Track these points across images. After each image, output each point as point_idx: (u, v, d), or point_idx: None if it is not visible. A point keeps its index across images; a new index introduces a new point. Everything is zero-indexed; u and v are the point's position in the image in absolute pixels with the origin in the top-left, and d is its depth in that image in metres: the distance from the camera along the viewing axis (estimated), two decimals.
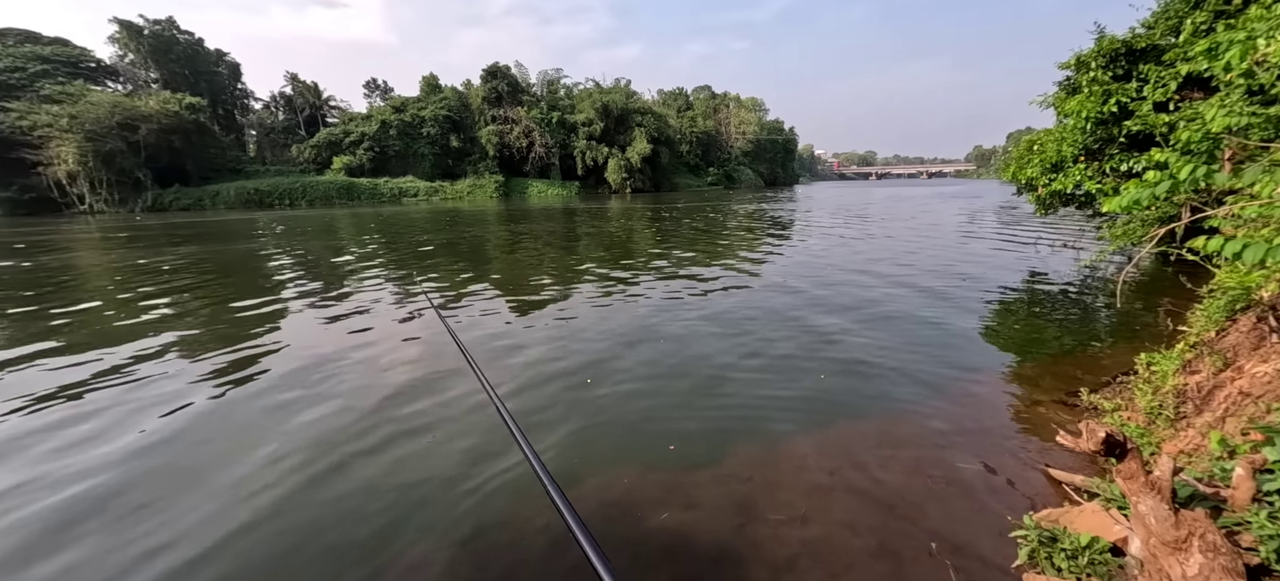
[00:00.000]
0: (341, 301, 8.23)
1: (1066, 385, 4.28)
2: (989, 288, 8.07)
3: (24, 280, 10.95)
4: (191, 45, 58.23)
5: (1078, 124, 7.32)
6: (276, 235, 19.85)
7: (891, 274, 9.37)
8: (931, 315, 6.62)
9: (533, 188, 59.53)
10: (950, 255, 11.37)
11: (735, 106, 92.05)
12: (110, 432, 3.94)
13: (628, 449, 3.60)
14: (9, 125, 41.39)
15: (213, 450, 3.70)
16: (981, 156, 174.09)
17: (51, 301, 8.73)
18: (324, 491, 3.16)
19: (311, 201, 49.27)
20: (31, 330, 6.88)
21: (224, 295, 8.86)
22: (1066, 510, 2.42)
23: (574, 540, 0.77)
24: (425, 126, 57.52)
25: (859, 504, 2.93)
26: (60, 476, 3.37)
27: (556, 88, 67.96)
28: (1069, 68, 8.24)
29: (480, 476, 3.27)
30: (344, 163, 55.05)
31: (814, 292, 8.03)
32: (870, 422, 3.88)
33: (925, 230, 16.56)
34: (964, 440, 3.57)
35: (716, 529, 2.77)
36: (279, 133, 62.71)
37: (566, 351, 5.58)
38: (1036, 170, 8.28)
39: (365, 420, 4.07)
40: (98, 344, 6.13)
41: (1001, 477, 3.12)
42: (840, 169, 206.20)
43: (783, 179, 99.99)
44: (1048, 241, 12.71)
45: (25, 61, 46.70)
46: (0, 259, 14.55)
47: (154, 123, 45.73)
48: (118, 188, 44.86)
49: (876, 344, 5.57)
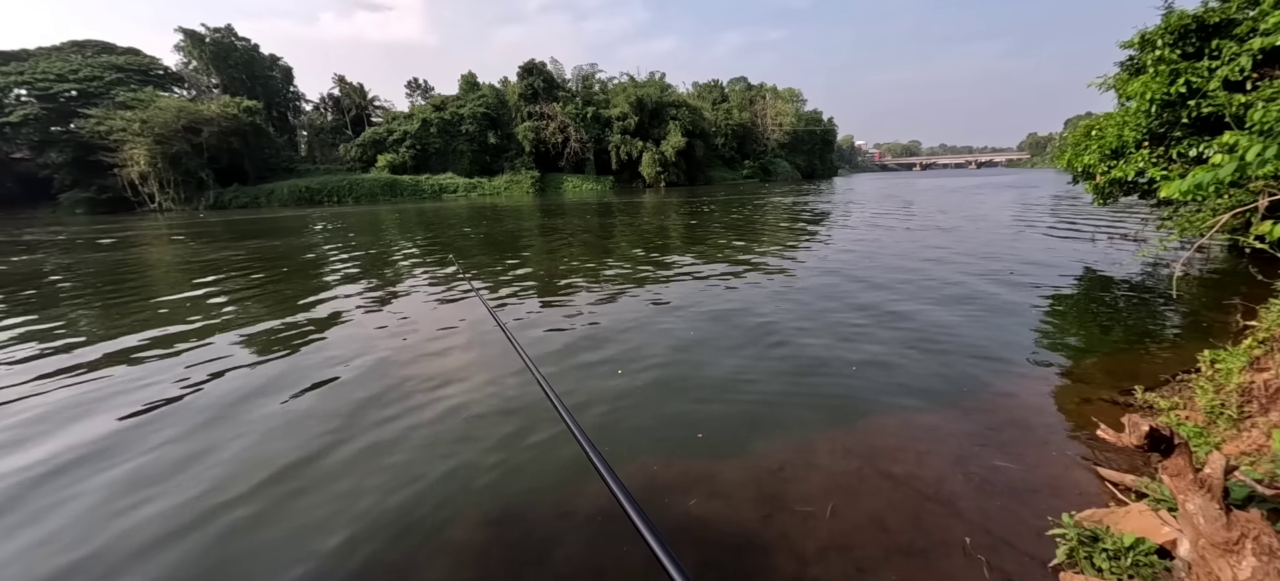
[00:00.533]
0: (390, 289, 8.58)
1: (1120, 383, 4.05)
2: (1040, 281, 7.69)
3: (132, 268, 11.90)
4: (248, 51, 61.47)
5: (1141, 107, 6.85)
6: (330, 231, 20.81)
7: (934, 266, 9.05)
8: (976, 308, 6.37)
9: (568, 182, 60.16)
10: (999, 247, 10.87)
11: (772, 98, 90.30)
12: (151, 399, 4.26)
13: (655, 436, 3.64)
14: (88, 130, 44.81)
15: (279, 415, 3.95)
16: (1036, 144, 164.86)
17: (158, 288, 9.46)
18: (375, 460, 3.33)
19: (357, 198, 51.29)
20: (145, 315, 7.48)
21: (290, 285, 9.39)
22: (1111, 510, 2.32)
23: (625, 514, 0.80)
24: (464, 124, 58.89)
25: (890, 498, 2.88)
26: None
27: (591, 83, 68.29)
28: (1132, 47, 7.71)
29: (521, 452, 3.38)
30: (387, 160, 57.01)
31: (850, 284, 7.85)
32: (905, 416, 3.79)
33: (972, 221, 15.87)
34: (1005, 437, 3.45)
35: (743, 518, 2.78)
36: (328, 132, 65.55)
37: (597, 340, 5.65)
38: (1094, 157, 7.81)
39: (404, 396, 4.25)
40: (166, 323, 6.62)
41: (1044, 476, 3.00)
42: (882, 160, 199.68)
43: (821, 171, 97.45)
44: (1108, 232, 11.99)
45: (102, 71, 50.43)
46: (97, 252, 15.83)
47: (215, 125, 48.56)
48: (183, 187, 47.88)
49: (915, 336, 5.41)
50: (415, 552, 2.62)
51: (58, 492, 3.20)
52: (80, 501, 3.11)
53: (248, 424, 4.02)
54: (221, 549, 2.69)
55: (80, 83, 48.82)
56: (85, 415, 4.26)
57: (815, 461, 3.26)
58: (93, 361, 5.55)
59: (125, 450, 3.67)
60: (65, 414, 4.29)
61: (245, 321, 7.03)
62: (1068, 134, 8.85)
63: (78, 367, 5.37)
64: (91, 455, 3.62)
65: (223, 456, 3.56)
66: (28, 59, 50.43)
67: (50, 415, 4.28)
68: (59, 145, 47.04)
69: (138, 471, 3.41)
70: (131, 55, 54.79)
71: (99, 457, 3.59)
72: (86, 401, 4.53)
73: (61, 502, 3.10)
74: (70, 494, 3.18)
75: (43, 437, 3.90)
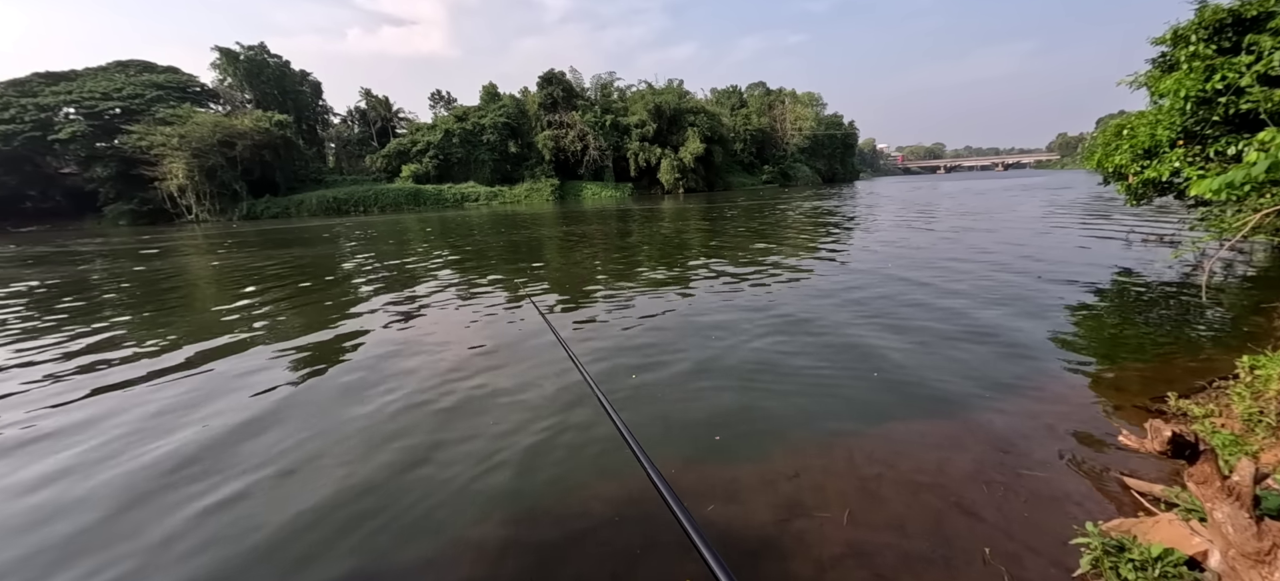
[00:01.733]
0: (419, 293, 8.78)
1: (1152, 389, 3.93)
2: (1070, 283, 7.48)
3: (177, 276, 12.43)
4: (280, 67, 63.59)
5: (1175, 104, 6.63)
6: (361, 240, 21.34)
7: (959, 268, 8.88)
8: (1002, 312, 6.24)
9: (587, 190, 60.57)
10: (1027, 249, 10.60)
11: (791, 102, 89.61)
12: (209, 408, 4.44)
13: (672, 440, 3.66)
14: (131, 145, 46.95)
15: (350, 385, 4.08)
16: (1066, 144, 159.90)
17: (210, 296, 9.86)
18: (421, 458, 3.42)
19: (383, 208, 52.49)
20: (203, 319, 7.82)
21: (331, 293, 9.69)
22: (1139, 520, 2.25)
23: (669, 511, 0.84)
24: (485, 134, 59.85)
25: (910, 504, 2.84)
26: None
27: (610, 91, 68.77)
28: (1164, 43, 7.48)
29: (558, 442, 3.44)
30: (411, 170, 58.25)
31: (871, 287, 7.75)
32: (927, 422, 3.73)
33: (1000, 223, 15.50)
34: (1030, 444, 3.37)
35: (760, 523, 2.78)
36: (354, 144, 67.31)
37: (614, 343, 5.70)
38: (1126, 157, 7.58)
39: (444, 388, 4.35)
40: (207, 332, 6.89)
41: (1069, 483, 2.93)
42: (904, 163, 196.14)
43: (842, 175, 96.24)
44: (1141, 234, 11.59)
45: (144, 89, 52.77)
46: (140, 263, 16.55)
47: (248, 139, 50.31)
48: (218, 198, 49.70)
49: (938, 340, 5.33)
50: (454, 546, 2.68)
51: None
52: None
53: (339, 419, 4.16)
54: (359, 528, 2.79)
55: (124, 100, 51.19)
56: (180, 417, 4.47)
57: (833, 466, 3.24)
58: (170, 366, 5.81)
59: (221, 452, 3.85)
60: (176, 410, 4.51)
61: (290, 331, 7.26)
62: (1098, 134, 8.60)
63: (169, 369, 5.63)
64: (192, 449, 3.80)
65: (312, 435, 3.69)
66: (76, 78, 53.14)
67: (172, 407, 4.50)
68: (104, 160, 49.36)
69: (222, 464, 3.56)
70: (171, 73, 57.21)
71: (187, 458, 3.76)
72: (185, 402, 4.75)
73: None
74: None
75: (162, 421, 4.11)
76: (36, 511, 3.17)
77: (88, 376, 5.53)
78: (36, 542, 2.88)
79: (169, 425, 4.25)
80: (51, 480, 3.51)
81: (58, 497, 3.30)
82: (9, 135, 47.56)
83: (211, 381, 5.23)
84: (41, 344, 6.88)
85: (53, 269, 15.75)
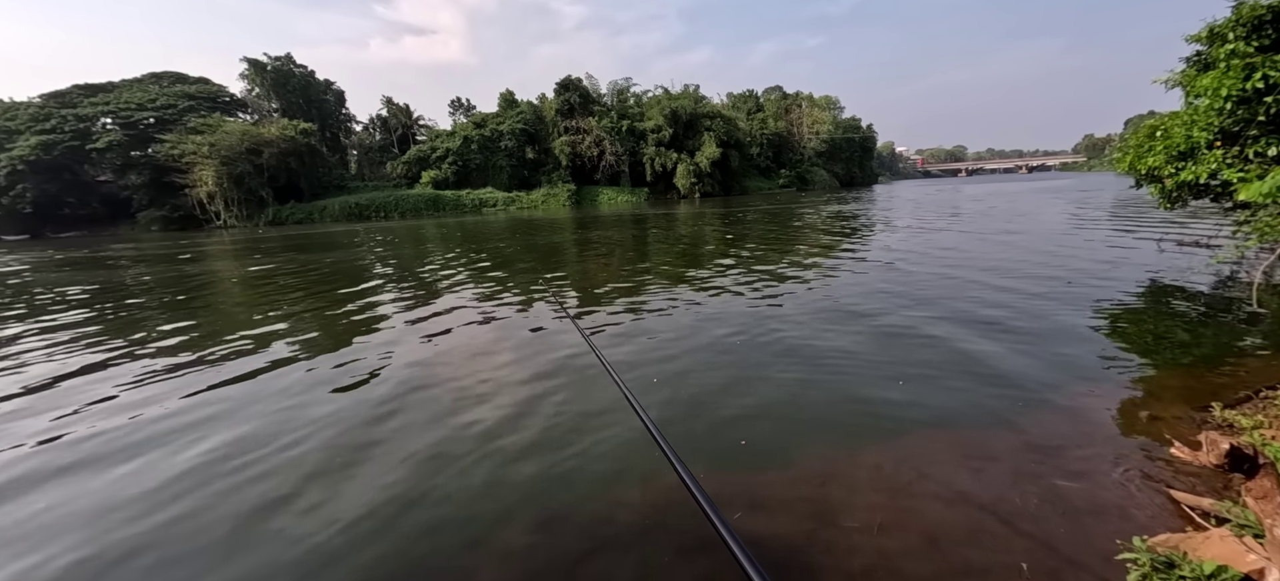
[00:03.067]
0: (442, 298, 8.89)
1: (1194, 399, 3.78)
2: (1102, 290, 7.27)
3: (213, 281, 12.81)
4: (305, 77, 65.26)
5: (1213, 104, 6.42)
6: (384, 245, 21.72)
7: (986, 274, 8.69)
8: (1032, 319, 6.08)
9: (603, 195, 60.84)
10: (1056, 254, 10.34)
11: (808, 106, 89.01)
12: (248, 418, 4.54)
13: (697, 446, 3.63)
14: (164, 154, 48.61)
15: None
16: (1093, 146, 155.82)
17: (245, 302, 10.14)
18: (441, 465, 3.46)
19: (403, 213, 53.37)
20: (252, 317, 8.04)
21: (360, 294, 9.88)
22: (1189, 536, 2.16)
23: (707, 519, 0.83)
24: (503, 140, 60.58)
25: (942, 516, 2.77)
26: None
27: (626, 96, 69.10)
28: (1199, 40, 7.24)
29: (593, 447, 3.44)
30: (431, 176, 59.19)
31: (895, 293, 7.62)
32: (958, 431, 3.65)
33: (1025, 227, 15.15)
34: (1067, 455, 3.27)
35: (786, 532, 2.74)
36: (376, 151, 68.67)
37: (635, 347, 5.68)
38: (1160, 159, 7.35)
39: (468, 394, 4.39)
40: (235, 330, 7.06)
41: (1111, 496, 2.83)
42: (924, 166, 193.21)
43: (860, 179, 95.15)
44: (1176, 238, 11.22)
45: (176, 99, 54.65)
46: (173, 267, 17.08)
47: (275, 147, 51.68)
48: (245, 204, 51.09)
49: (967, 348, 5.21)
50: (479, 546, 2.70)
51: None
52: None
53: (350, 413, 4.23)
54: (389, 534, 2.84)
55: (157, 110, 53.04)
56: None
57: (861, 475, 3.18)
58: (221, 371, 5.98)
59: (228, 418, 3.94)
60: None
61: (320, 336, 7.41)
62: (1129, 135, 8.36)
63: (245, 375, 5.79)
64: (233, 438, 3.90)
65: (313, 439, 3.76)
66: (113, 90, 55.21)
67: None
68: (138, 168, 51.15)
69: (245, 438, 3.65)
70: (202, 84, 59.15)
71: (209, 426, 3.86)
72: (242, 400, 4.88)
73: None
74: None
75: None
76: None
77: (193, 375, 5.70)
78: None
79: (206, 430, 4.36)
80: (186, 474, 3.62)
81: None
82: (50, 145, 49.54)
83: (249, 389, 5.35)
84: (117, 346, 7.13)
85: (99, 273, 16.30)
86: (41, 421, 4.61)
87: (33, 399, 5.20)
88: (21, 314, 9.86)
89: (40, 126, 50.58)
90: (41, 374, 5.96)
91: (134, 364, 6.19)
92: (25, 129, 50.45)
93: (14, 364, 6.43)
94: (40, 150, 48.95)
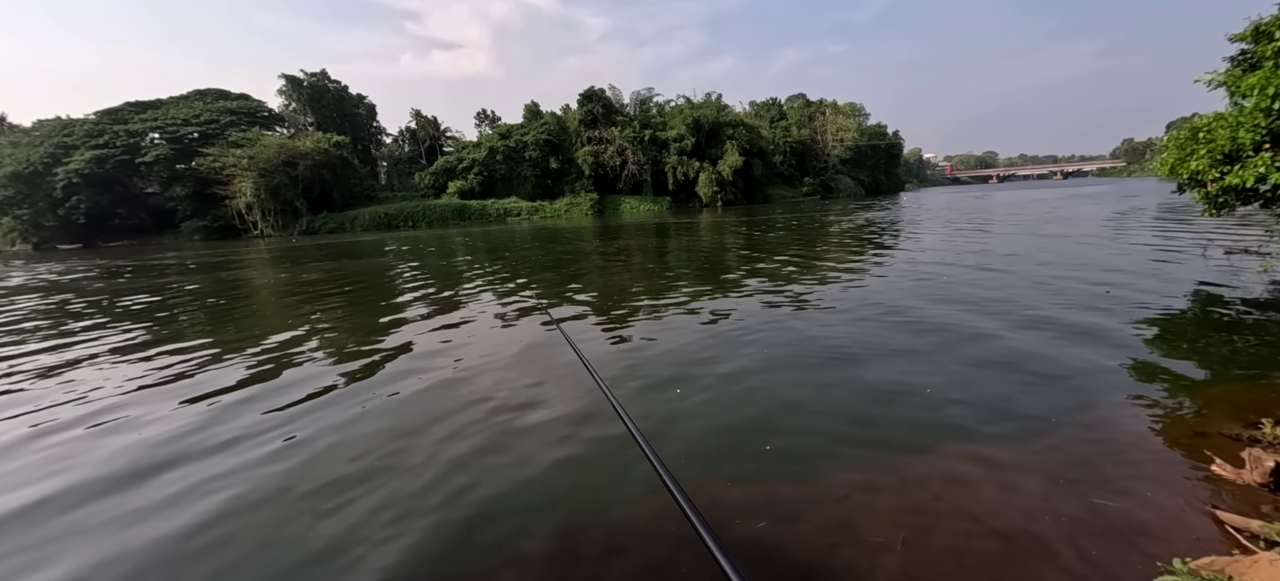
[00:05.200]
0: (462, 307, 9.05)
1: (1243, 415, 3.59)
2: (1143, 299, 6.98)
3: (269, 288, 13.36)
4: (339, 91, 67.57)
5: (1260, 104, 6.15)
6: (412, 254, 22.25)
7: (1017, 282, 8.44)
8: (1069, 330, 5.87)
9: (625, 204, 61.11)
10: (1094, 262, 9.97)
11: (832, 113, 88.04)
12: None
13: (717, 457, 3.60)
14: (206, 166, 50.87)
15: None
16: (1133, 151, 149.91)
17: (279, 307, 10.55)
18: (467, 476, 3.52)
19: (430, 222, 54.56)
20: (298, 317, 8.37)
21: (384, 301, 10.15)
22: (1235, 558, 2.05)
23: (695, 532, 0.84)
24: (527, 150, 61.50)
25: (970, 533, 2.69)
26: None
27: (648, 106, 69.44)
28: (1244, 39, 6.96)
29: (590, 468, 3.46)
30: (457, 187, 60.41)
31: (925, 303, 7.46)
32: (987, 445, 3.54)
33: (1061, 234, 14.65)
34: (1104, 472, 3.14)
35: (806, 546, 2.69)
36: (404, 162, 70.59)
37: (658, 357, 5.68)
38: (1204, 162, 7.05)
39: (476, 410, 4.46)
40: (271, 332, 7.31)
41: (1151, 516, 2.71)
42: (953, 173, 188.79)
43: (886, 186, 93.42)
44: (1222, 245, 10.71)
45: (219, 115, 57.21)
46: (222, 272, 17.83)
47: (309, 159, 53.54)
48: (281, 214, 52.98)
49: (999, 359, 5.06)
50: (487, 560, 2.73)
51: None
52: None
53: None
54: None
55: (201, 125, 55.60)
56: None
57: (886, 490, 3.11)
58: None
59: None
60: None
61: (343, 341, 7.63)
62: (1170, 138, 8.05)
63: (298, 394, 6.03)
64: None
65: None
66: (160, 106, 58.16)
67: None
68: (183, 180, 53.63)
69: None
70: (242, 100, 61.79)
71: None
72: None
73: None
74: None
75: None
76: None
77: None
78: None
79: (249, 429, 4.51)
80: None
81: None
82: (103, 158, 52.42)
83: (279, 388, 5.53)
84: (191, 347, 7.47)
85: (157, 279, 17.10)
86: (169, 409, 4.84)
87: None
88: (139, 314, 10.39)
89: (94, 141, 53.60)
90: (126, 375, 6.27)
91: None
92: (81, 144, 53.53)
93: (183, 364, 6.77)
94: (94, 164, 51.84)
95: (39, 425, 4.79)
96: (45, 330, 9.27)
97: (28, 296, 14.47)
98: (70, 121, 57.55)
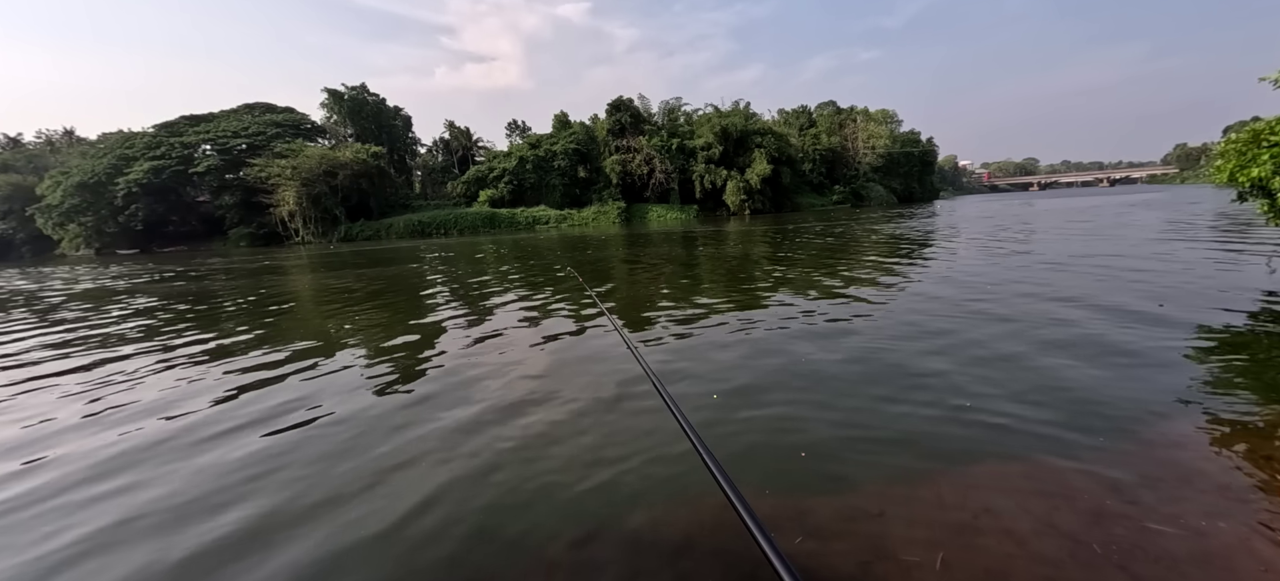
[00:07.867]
0: (496, 310, 9.21)
1: None
2: (1201, 314, 6.59)
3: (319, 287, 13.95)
4: (377, 104, 70.14)
5: None
6: (447, 260, 22.81)
7: (1065, 293, 8.08)
8: (1118, 344, 5.58)
9: (653, 212, 61.30)
10: (1146, 273, 9.47)
11: (863, 120, 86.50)
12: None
13: (749, 465, 3.55)
14: (253, 176, 53.45)
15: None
16: (1186, 156, 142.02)
17: (314, 310, 11.00)
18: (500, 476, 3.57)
19: (462, 230, 55.90)
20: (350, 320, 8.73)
21: (421, 304, 10.44)
22: None
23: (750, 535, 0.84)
24: (556, 160, 62.44)
25: (1012, 555, 2.58)
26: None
27: (676, 115, 69.66)
28: None
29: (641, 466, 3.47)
30: (488, 195, 61.78)
31: (965, 311, 7.23)
32: (1033, 462, 3.39)
33: (1110, 243, 14.00)
34: (1159, 495, 2.97)
35: (839, 563, 2.63)
36: (438, 171, 72.63)
37: (690, 362, 5.65)
38: (1268, 168, 6.67)
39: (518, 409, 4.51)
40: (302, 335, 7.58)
41: (1213, 543, 2.54)
42: (991, 180, 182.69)
43: (919, 194, 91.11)
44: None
45: (266, 127, 60.12)
46: (272, 274, 18.66)
47: (348, 169, 55.67)
48: (321, 222, 55.17)
49: (1045, 372, 4.85)
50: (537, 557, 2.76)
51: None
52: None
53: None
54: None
55: (249, 137, 58.52)
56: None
57: (923, 506, 3.01)
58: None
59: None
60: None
61: (374, 341, 7.86)
62: (1228, 142, 7.63)
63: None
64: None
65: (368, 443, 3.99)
66: (212, 120, 61.49)
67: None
68: (231, 189, 56.50)
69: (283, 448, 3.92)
70: (287, 112, 64.81)
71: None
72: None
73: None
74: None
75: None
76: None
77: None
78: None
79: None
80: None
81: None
82: (159, 169, 55.67)
83: (305, 388, 5.73)
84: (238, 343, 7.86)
85: (216, 282, 18.01)
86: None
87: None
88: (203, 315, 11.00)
89: (152, 153, 57.05)
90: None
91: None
92: (141, 155, 57.00)
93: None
94: (151, 174, 55.13)
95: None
96: (193, 327, 9.84)
97: (144, 297, 15.39)
98: (131, 134, 61.48)
